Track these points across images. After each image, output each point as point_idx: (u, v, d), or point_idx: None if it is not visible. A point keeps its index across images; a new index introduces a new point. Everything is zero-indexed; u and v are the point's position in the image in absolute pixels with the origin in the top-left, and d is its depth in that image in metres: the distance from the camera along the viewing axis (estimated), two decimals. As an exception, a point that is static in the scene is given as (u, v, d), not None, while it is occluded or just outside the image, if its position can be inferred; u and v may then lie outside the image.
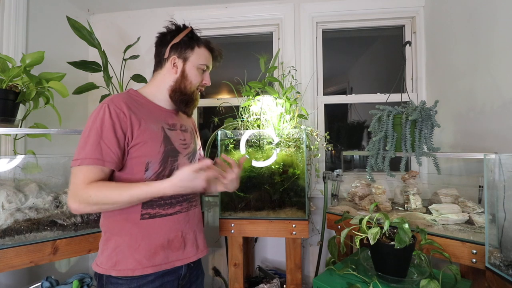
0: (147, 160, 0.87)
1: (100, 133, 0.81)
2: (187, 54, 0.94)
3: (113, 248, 0.86)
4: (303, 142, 1.42)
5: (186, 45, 0.94)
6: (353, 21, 1.96)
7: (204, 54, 0.97)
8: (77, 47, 1.88)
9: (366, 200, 1.43)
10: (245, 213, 1.43)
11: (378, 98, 1.90)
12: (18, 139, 1.40)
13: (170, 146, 0.92)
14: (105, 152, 0.80)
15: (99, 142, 0.80)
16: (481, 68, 1.32)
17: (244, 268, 1.51)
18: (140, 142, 0.86)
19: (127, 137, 0.84)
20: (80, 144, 0.82)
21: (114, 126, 0.82)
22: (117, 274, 0.83)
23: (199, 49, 0.96)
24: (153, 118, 0.92)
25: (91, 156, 0.79)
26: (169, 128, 0.95)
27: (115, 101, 0.85)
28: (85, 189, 0.78)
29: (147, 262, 0.86)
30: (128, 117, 0.85)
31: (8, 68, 1.17)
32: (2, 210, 1.10)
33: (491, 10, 1.26)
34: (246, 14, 1.98)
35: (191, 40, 0.95)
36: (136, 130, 0.86)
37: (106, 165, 0.81)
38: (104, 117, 0.82)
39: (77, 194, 0.78)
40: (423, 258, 0.99)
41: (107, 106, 0.83)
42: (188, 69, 0.95)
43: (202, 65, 0.97)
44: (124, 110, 0.85)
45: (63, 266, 1.71)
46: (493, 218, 0.97)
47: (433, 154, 1.20)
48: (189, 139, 1.02)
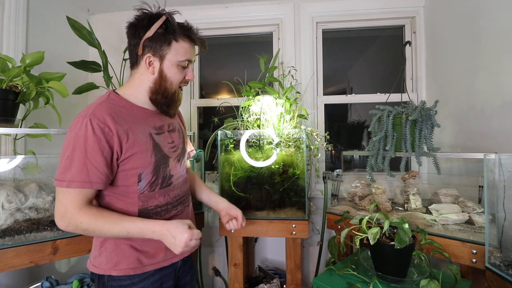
0: (139, 172, 0.83)
1: (84, 153, 0.74)
2: (163, 51, 0.83)
3: (112, 249, 0.85)
4: (303, 142, 1.42)
5: (161, 40, 0.82)
6: (353, 21, 1.96)
7: (184, 47, 0.85)
8: (77, 47, 1.88)
9: (366, 200, 1.43)
10: (245, 213, 1.42)
11: (378, 98, 1.90)
12: (18, 139, 1.40)
13: (160, 153, 0.88)
14: (92, 173, 0.75)
15: (84, 163, 0.74)
16: (481, 68, 1.32)
17: (244, 268, 1.51)
18: (130, 155, 0.81)
19: (115, 152, 0.79)
20: (64, 163, 0.76)
21: (99, 143, 0.75)
22: (118, 273, 0.84)
23: (177, 43, 0.83)
24: (140, 125, 0.85)
25: (78, 179, 0.74)
26: (156, 132, 0.89)
27: (98, 115, 0.77)
28: (77, 214, 0.75)
29: (147, 261, 0.87)
30: (115, 132, 0.78)
31: (8, 68, 1.17)
32: (2, 210, 1.10)
33: (491, 10, 1.26)
34: (246, 14, 1.98)
35: (166, 33, 0.82)
36: (125, 144, 0.80)
37: (93, 187, 0.77)
38: (87, 134, 0.74)
39: (66, 216, 0.75)
40: (423, 258, 0.99)
41: (89, 121, 0.75)
42: (166, 68, 0.84)
43: (182, 61, 0.85)
44: (109, 124, 0.77)
45: (63, 266, 1.71)
46: (493, 218, 0.97)
47: (433, 154, 1.20)
48: (178, 139, 0.97)
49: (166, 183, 0.90)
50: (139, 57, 0.85)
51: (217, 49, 2.18)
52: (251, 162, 1.39)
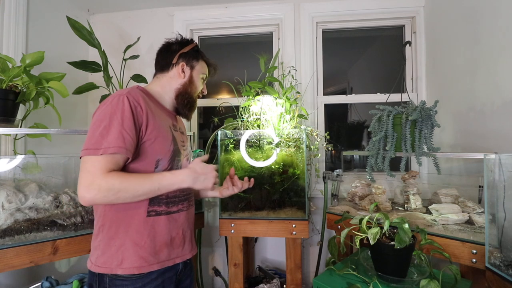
0: (158, 158, 0.90)
1: (121, 122, 0.81)
2: (193, 63, 1.05)
3: (117, 247, 0.86)
4: (303, 142, 1.42)
5: (193, 56, 1.05)
6: (353, 21, 1.96)
7: (205, 66, 1.10)
8: (77, 47, 1.88)
9: (366, 200, 1.43)
10: (245, 213, 1.43)
11: (378, 98, 1.90)
12: (18, 139, 1.40)
13: (176, 146, 0.96)
14: (127, 141, 0.81)
15: (121, 131, 0.80)
16: (481, 68, 1.32)
17: (244, 268, 1.51)
18: (152, 138, 0.88)
19: (141, 130, 0.86)
20: (100, 132, 0.79)
21: (133, 116, 0.83)
22: (123, 272, 0.84)
23: (202, 61, 1.08)
24: (163, 116, 0.96)
25: (115, 145, 0.78)
26: (174, 129, 0.99)
27: (133, 94, 0.87)
28: (106, 177, 0.76)
29: (152, 259, 0.88)
30: (145, 112, 0.87)
31: (8, 68, 1.17)
32: (2, 210, 1.10)
33: (491, 10, 1.26)
34: (246, 14, 1.98)
35: (197, 52, 1.07)
36: (151, 125, 0.88)
37: (127, 154, 0.81)
38: (124, 107, 0.82)
39: (94, 183, 0.75)
40: (423, 258, 0.99)
41: (126, 97, 0.84)
42: (194, 75, 1.05)
43: (203, 74, 1.09)
44: (142, 103, 0.87)
45: (63, 266, 1.71)
46: (493, 218, 0.97)
47: (433, 154, 1.20)
48: (186, 141, 1.09)
49: None
50: (172, 65, 1.02)
51: (217, 49, 2.18)
52: (251, 162, 1.39)
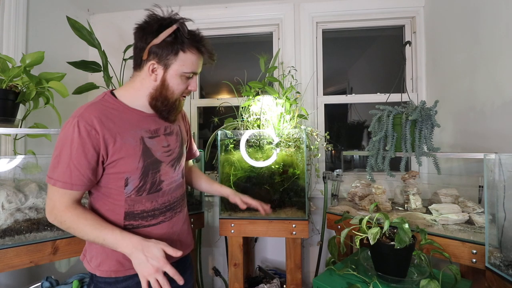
0: (126, 176, 0.83)
1: (69, 154, 0.76)
2: (168, 60, 0.80)
3: (98, 249, 0.86)
4: (303, 142, 1.42)
5: (168, 49, 0.79)
6: (353, 21, 1.96)
7: (191, 59, 0.83)
8: (77, 47, 1.88)
9: (366, 200, 1.43)
10: (245, 213, 1.42)
11: (378, 98, 1.90)
12: (18, 139, 1.40)
13: (150, 159, 0.86)
14: (74, 176, 0.77)
15: (68, 164, 0.76)
16: (481, 68, 1.32)
17: (244, 268, 1.51)
18: (117, 159, 0.81)
19: (101, 155, 0.79)
20: (52, 162, 0.78)
21: (84, 146, 0.76)
22: (101, 274, 0.84)
23: (184, 54, 0.81)
24: (131, 128, 0.84)
25: (61, 180, 0.77)
26: (150, 136, 0.87)
27: (86, 117, 0.77)
28: (62, 212, 0.78)
29: (129, 263, 0.81)
30: (101, 135, 0.78)
31: (8, 68, 1.17)
32: (2, 210, 1.10)
33: (491, 10, 1.26)
34: (246, 14, 1.98)
35: (174, 42, 0.79)
36: (111, 148, 0.80)
37: (73, 189, 0.78)
38: (73, 136, 0.76)
39: (53, 212, 0.79)
40: (423, 258, 0.99)
41: (77, 123, 0.76)
42: (169, 77, 0.83)
43: (186, 73, 0.84)
44: (96, 127, 0.77)
45: (63, 266, 1.71)
46: (493, 218, 0.96)
47: (433, 154, 1.20)
48: (174, 142, 0.95)
49: (155, 189, 0.89)
50: (143, 61, 0.82)
51: (217, 49, 2.18)
52: (251, 162, 1.39)
